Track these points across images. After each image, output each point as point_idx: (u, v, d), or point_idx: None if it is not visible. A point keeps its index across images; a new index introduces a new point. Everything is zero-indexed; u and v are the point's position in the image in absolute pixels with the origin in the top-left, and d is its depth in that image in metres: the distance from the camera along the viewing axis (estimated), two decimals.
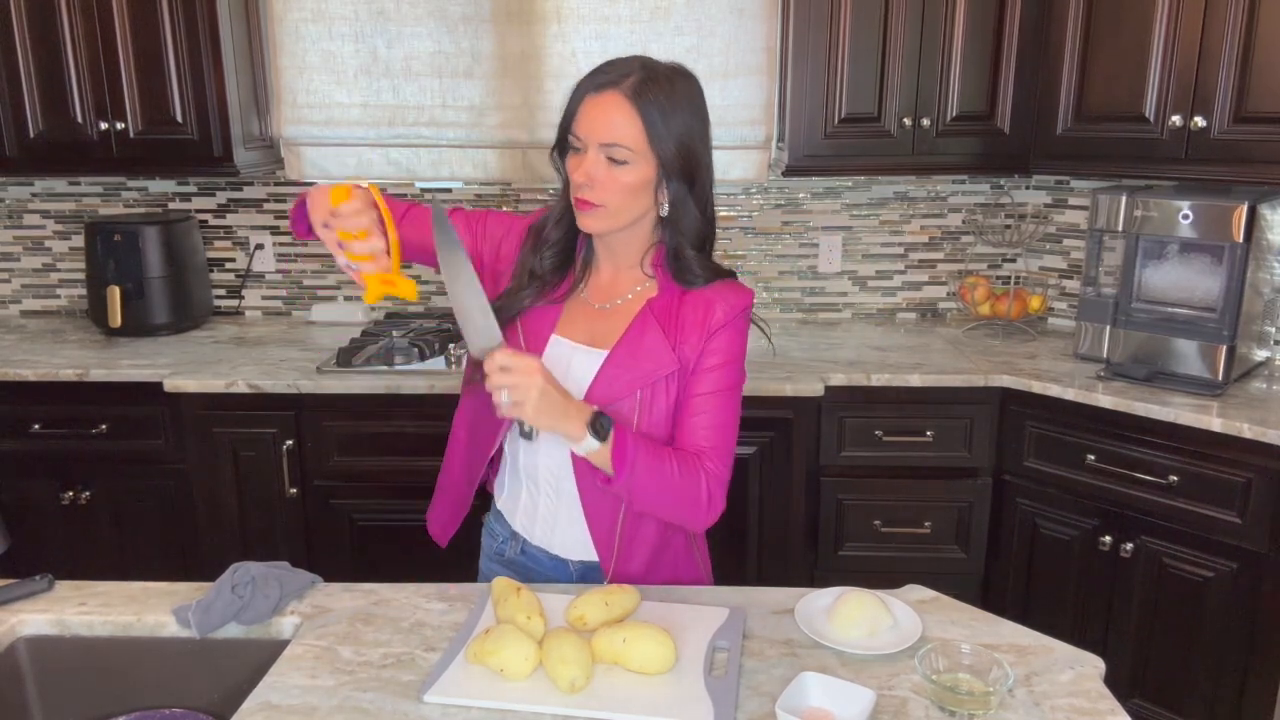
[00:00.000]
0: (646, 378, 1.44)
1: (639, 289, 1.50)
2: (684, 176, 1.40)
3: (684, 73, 1.42)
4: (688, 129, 1.39)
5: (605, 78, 1.38)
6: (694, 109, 1.41)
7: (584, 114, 1.38)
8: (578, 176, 1.39)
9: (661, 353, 1.44)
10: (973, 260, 3.18)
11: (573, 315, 1.51)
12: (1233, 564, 2.26)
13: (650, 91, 1.36)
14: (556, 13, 2.92)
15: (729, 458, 1.46)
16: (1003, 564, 2.67)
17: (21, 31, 2.70)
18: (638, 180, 1.39)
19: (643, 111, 1.35)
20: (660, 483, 1.39)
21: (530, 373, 1.28)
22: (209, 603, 1.38)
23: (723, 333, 1.45)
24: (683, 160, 1.39)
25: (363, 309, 3.17)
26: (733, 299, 1.47)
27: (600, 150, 1.37)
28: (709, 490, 1.42)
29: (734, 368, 1.48)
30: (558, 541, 1.56)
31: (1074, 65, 2.57)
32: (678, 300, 1.47)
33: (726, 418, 1.47)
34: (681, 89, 1.40)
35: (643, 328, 1.46)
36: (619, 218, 1.42)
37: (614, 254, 1.51)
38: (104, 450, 2.67)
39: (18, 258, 3.25)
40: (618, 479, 1.36)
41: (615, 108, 1.36)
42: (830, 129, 2.75)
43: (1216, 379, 2.43)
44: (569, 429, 1.32)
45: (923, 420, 2.60)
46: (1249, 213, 2.33)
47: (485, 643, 1.26)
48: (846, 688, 1.20)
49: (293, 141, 3.04)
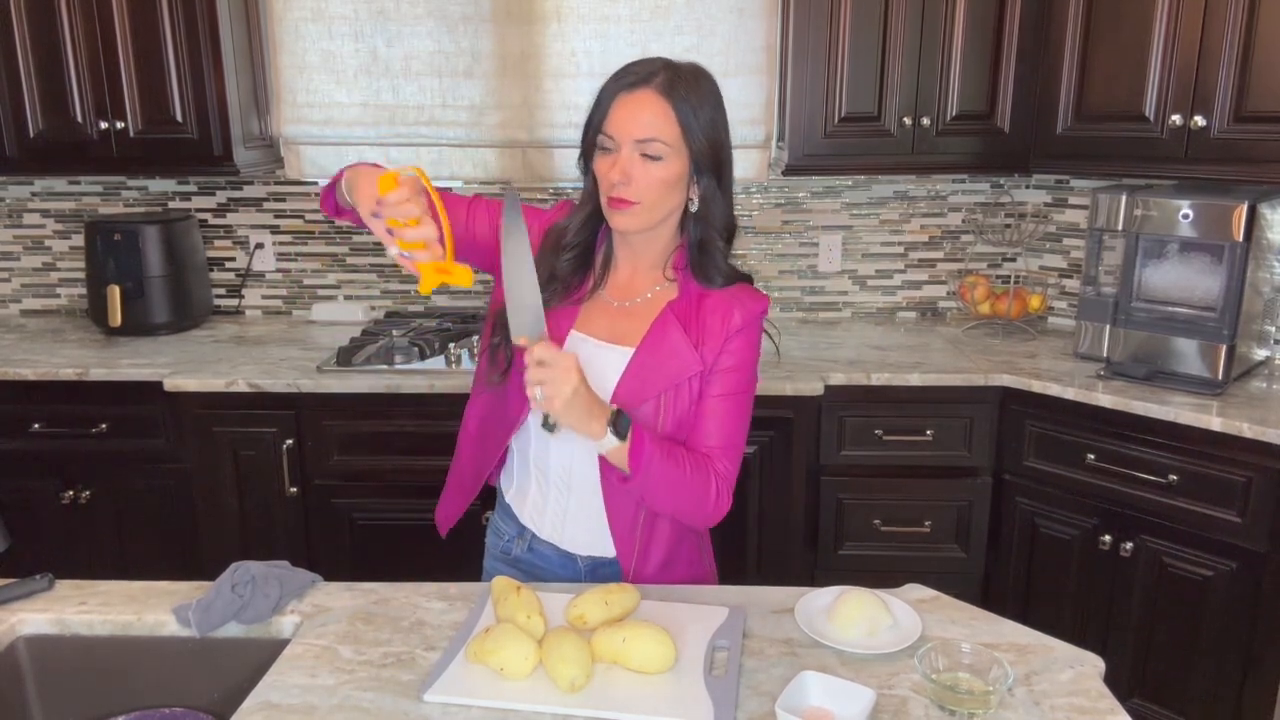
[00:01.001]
0: (672, 379, 1.46)
1: (657, 289, 1.52)
2: (714, 170, 1.43)
3: (704, 71, 1.45)
4: (714, 124, 1.42)
5: (634, 77, 1.40)
6: (717, 105, 1.44)
7: (616, 113, 1.39)
8: (613, 175, 1.40)
9: (686, 353, 1.46)
10: (973, 259, 3.18)
11: (591, 312, 1.52)
12: (1233, 564, 2.26)
13: (680, 87, 1.39)
14: (556, 12, 2.92)
15: (737, 459, 1.50)
16: (1002, 563, 2.67)
17: (21, 31, 2.70)
18: (672, 175, 1.40)
19: (676, 107, 1.38)
20: (673, 481, 1.41)
21: (568, 370, 1.30)
22: (209, 602, 1.38)
23: (739, 336, 1.48)
24: (713, 154, 1.42)
25: (363, 308, 3.17)
26: (750, 304, 1.49)
27: (634, 147, 1.39)
28: (717, 490, 1.45)
29: (747, 372, 1.50)
30: (567, 536, 1.56)
31: (1074, 64, 2.57)
32: (697, 303, 1.48)
33: (737, 420, 1.49)
34: (705, 85, 1.43)
35: (664, 329, 1.47)
36: (653, 214, 1.43)
37: (634, 253, 1.52)
38: (104, 450, 2.67)
39: (18, 257, 3.25)
40: (634, 477, 1.39)
41: (649, 104, 1.38)
42: (830, 128, 2.75)
43: (1216, 378, 2.43)
44: (591, 428, 1.35)
45: (923, 420, 2.60)
46: (1249, 212, 2.33)
47: (485, 642, 1.26)
48: (846, 687, 1.20)
49: (292, 141, 3.04)
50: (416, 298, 3.22)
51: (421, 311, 3.17)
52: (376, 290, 3.23)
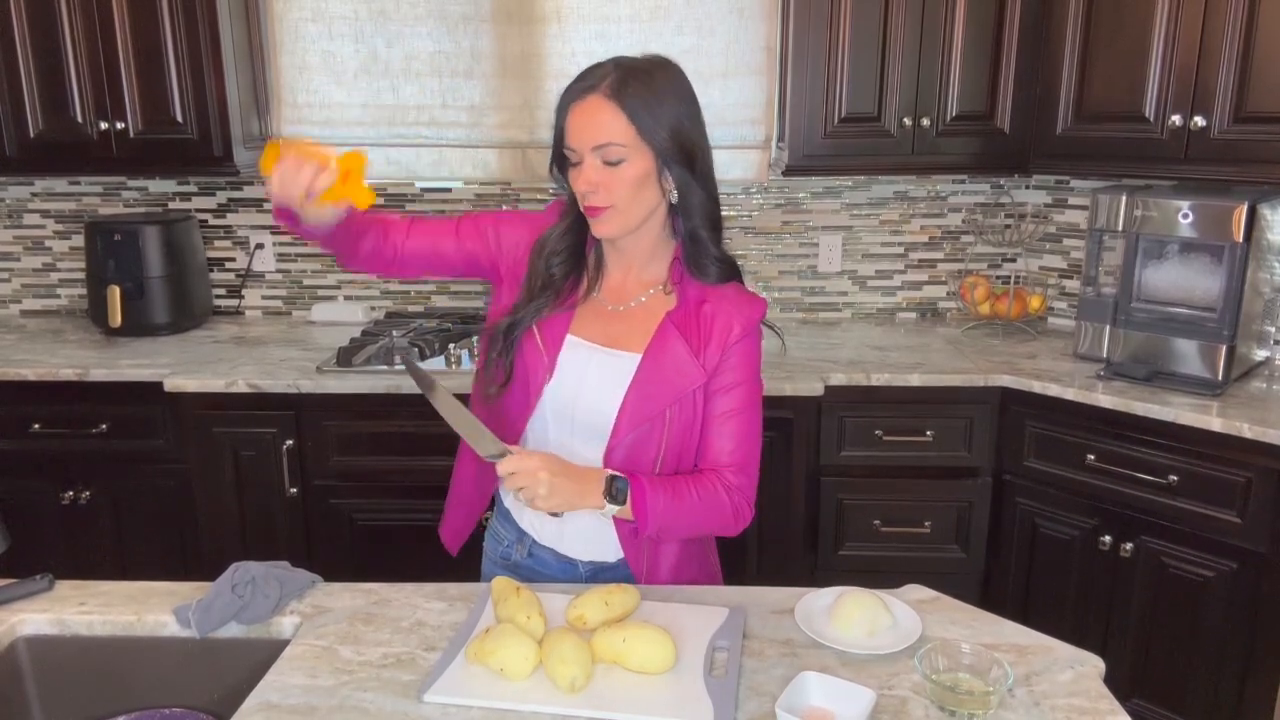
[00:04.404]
0: (676, 393, 1.46)
1: (651, 293, 1.52)
2: (683, 160, 1.42)
3: (662, 62, 1.44)
4: (675, 114, 1.40)
5: (583, 84, 1.40)
6: (678, 94, 1.42)
7: (571, 124, 1.40)
8: (580, 186, 1.41)
9: (688, 366, 1.46)
10: (973, 260, 3.18)
11: (586, 316, 1.52)
12: (1233, 564, 2.26)
13: (628, 85, 1.37)
14: (556, 13, 2.92)
15: (753, 469, 1.52)
16: (1003, 564, 2.67)
17: (21, 31, 2.70)
18: (637, 174, 1.40)
19: (625, 106, 1.37)
20: (685, 516, 1.44)
21: (533, 472, 1.33)
22: (209, 602, 1.38)
23: (739, 346, 1.48)
24: (678, 145, 1.40)
25: (363, 308, 3.17)
26: (749, 311, 1.50)
27: (594, 155, 1.39)
28: (734, 504, 1.47)
29: (752, 384, 1.51)
30: (567, 541, 1.56)
31: (1074, 65, 2.57)
32: (695, 310, 1.48)
33: (749, 432, 1.50)
34: (661, 77, 1.41)
35: (665, 340, 1.47)
36: (630, 215, 1.43)
37: (623, 255, 1.52)
38: (104, 450, 2.67)
39: (18, 258, 3.25)
40: (644, 529, 1.41)
41: (597, 110, 1.37)
42: (830, 129, 2.75)
43: (1216, 379, 2.43)
44: (587, 504, 1.38)
45: (923, 420, 2.60)
46: (1249, 212, 2.33)
47: (485, 642, 1.26)
48: (846, 687, 1.20)
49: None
50: (417, 298, 3.22)
51: (421, 312, 3.17)
52: (376, 291, 3.23)
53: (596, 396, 1.47)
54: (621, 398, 1.46)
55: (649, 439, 1.46)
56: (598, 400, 1.47)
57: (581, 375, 1.48)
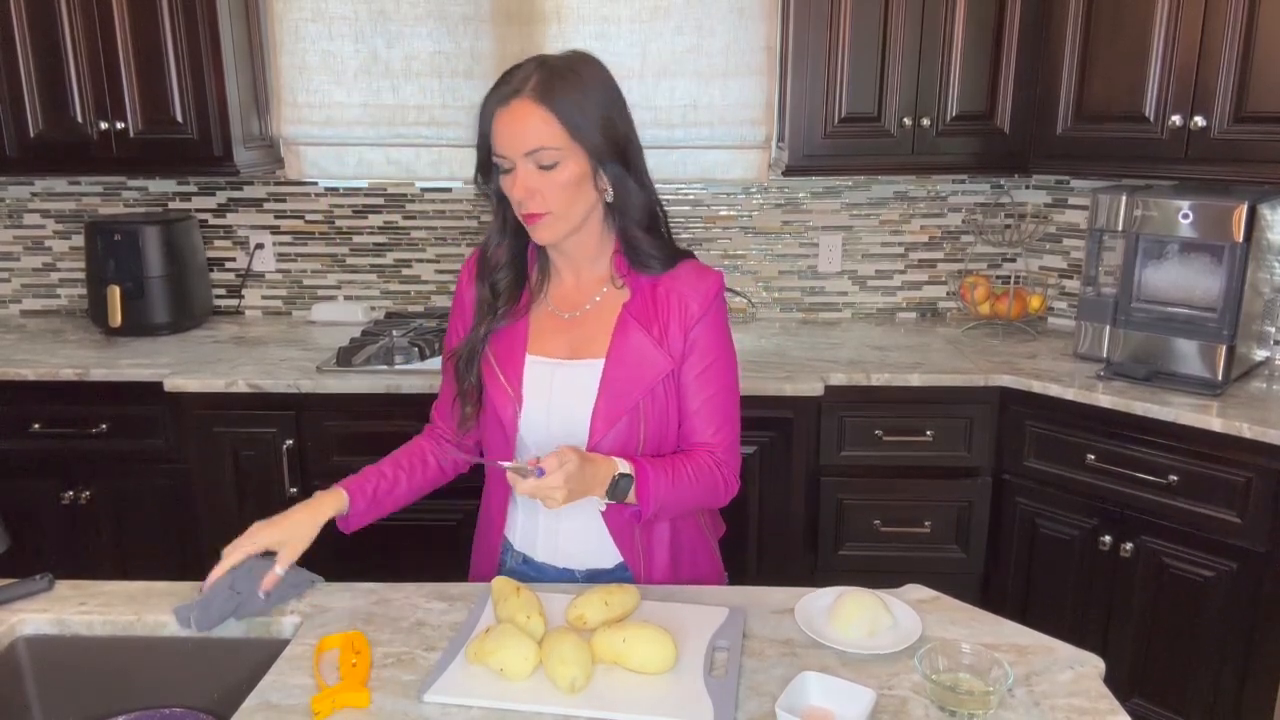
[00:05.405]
0: (646, 386, 1.45)
1: (605, 291, 1.50)
2: (616, 157, 1.40)
3: (583, 57, 1.41)
4: (605, 110, 1.39)
5: (507, 88, 1.36)
6: (605, 89, 1.40)
7: (499, 131, 1.37)
8: (516, 194, 1.38)
9: (654, 356, 1.45)
10: (973, 260, 3.18)
11: (542, 330, 1.51)
12: (1233, 564, 2.26)
13: (556, 86, 1.35)
14: (556, 13, 2.92)
15: (736, 443, 1.53)
16: (1002, 564, 2.67)
17: (21, 31, 2.70)
18: (572, 176, 1.38)
19: (554, 108, 1.34)
20: (682, 495, 1.45)
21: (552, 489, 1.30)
22: (208, 601, 1.38)
23: (701, 325, 1.47)
24: (610, 142, 1.39)
25: (363, 309, 3.17)
26: (703, 287, 1.48)
27: (527, 160, 1.36)
28: (724, 479, 1.50)
29: (722, 362, 1.50)
30: (562, 555, 1.56)
31: (1074, 65, 2.57)
32: (650, 296, 1.47)
33: (728, 412, 1.51)
34: (586, 74, 1.39)
35: (626, 335, 1.46)
36: (569, 218, 1.41)
37: (571, 259, 1.51)
38: (104, 450, 2.66)
39: (18, 257, 3.25)
40: (645, 512, 1.41)
41: (526, 114, 1.34)
42: (830, 129, 2.75)
43: (1216, 379, 2.43)
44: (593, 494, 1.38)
45: (923, 420, 2.60)
46: (1249, 212, 2.33)
47: (485, 642, 1.26)
48: (846, 687, 1.20)
49: (293, 141, 3.04)
50: (416, 298, 3.22)
51: (421, 312, 3.17)
52: (376, 290, 3.23)
53: (567, 413, 1.47)
54: (591, 406, 1.46)
55: (628, 434, 1.46)
56: (568, 415, 1.47)
57: (548, 395, 1.47)
